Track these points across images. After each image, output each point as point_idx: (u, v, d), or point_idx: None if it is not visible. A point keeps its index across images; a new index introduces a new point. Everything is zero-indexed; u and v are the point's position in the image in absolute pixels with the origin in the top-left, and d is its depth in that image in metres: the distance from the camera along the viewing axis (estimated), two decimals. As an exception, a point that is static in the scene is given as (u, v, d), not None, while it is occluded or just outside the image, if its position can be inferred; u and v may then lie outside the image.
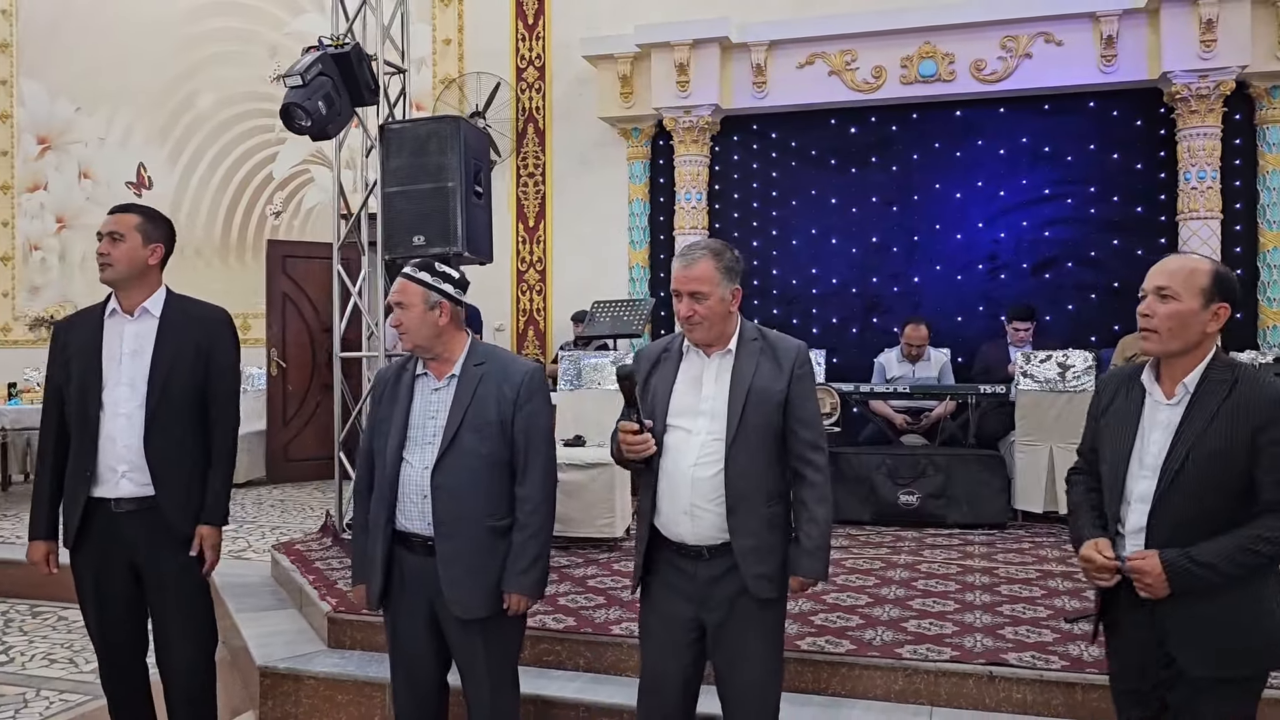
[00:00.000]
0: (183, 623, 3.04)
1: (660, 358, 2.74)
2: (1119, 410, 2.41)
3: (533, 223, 8.86)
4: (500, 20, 8.94)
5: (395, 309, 2.77)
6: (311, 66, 4.90)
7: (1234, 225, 7.34)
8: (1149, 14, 7.10)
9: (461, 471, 2.73)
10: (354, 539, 2.98)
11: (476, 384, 2.78)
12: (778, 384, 2.62)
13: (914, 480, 5.96)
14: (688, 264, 2.60)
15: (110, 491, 2.96)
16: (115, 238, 3.00)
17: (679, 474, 2.61)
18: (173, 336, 3.01)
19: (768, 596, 2.61)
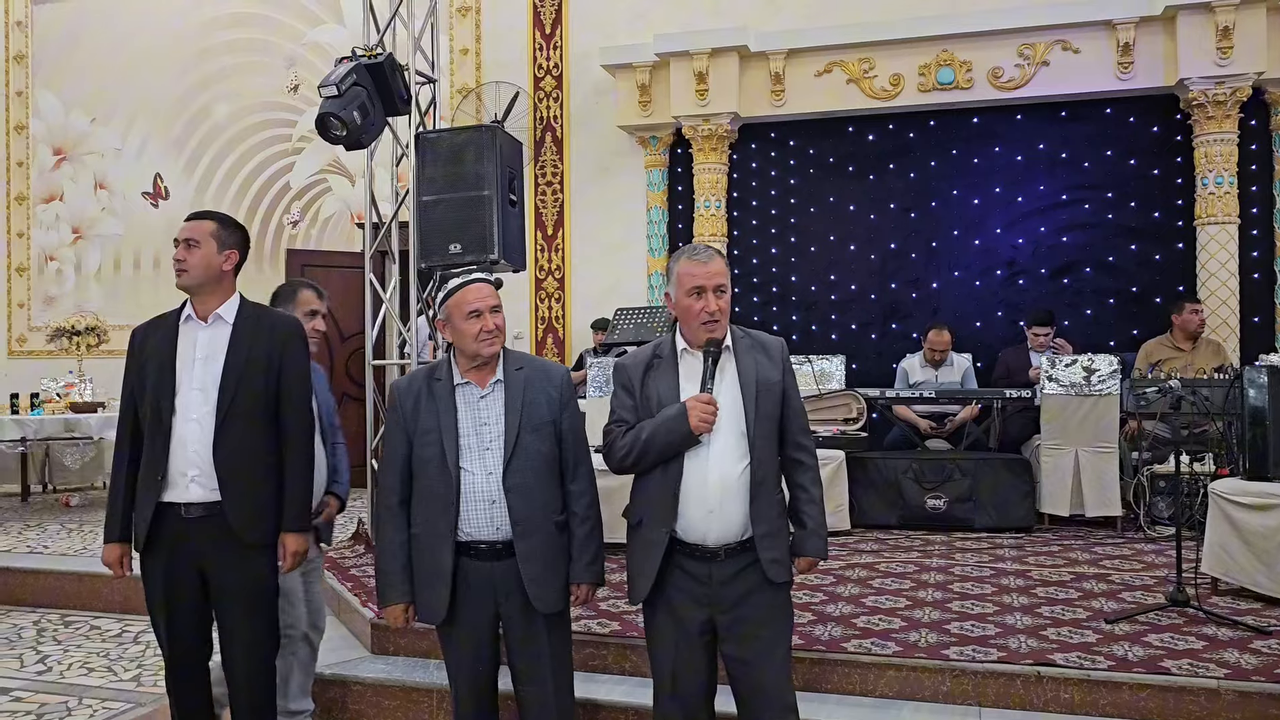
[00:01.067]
0: (248, 630, 3.06)
1: (651, 363, 2.79)
2: None
3: (551, 231, 8.91)
4: (518, 30, 8.99)
5: (491, 314, 2.80)
6: (346, 76, 4.96)
7: (1251, 230, 7.38)
8: (1165, 21, 7.16)
9: (528, 472, 2.79)
10: (386, 558, 2.87)
11: (524, 387, 2.84)
12: (775, 375, 2.75)
13: (941, 484, 6.00)
14: (706, 260, 2.68)
15: (180, 496, 2.98)
16: (191, 244, 3.04)
17: (706, 473, 2.65)
18: (245, 343, 3.04)
19: (782, 580, 2.71)
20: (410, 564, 2.84)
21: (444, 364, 2.91)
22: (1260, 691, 3.27)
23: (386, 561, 2.86)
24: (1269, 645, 3.63)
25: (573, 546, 2.87)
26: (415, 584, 2.84)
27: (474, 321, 2.79)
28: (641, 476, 2.76)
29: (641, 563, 2.73)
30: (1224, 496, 4.33)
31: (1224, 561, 4.33)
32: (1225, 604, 4.16)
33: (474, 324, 2.79)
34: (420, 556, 2.83)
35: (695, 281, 2.66)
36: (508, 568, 2.80)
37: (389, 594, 2.86)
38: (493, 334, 2.80)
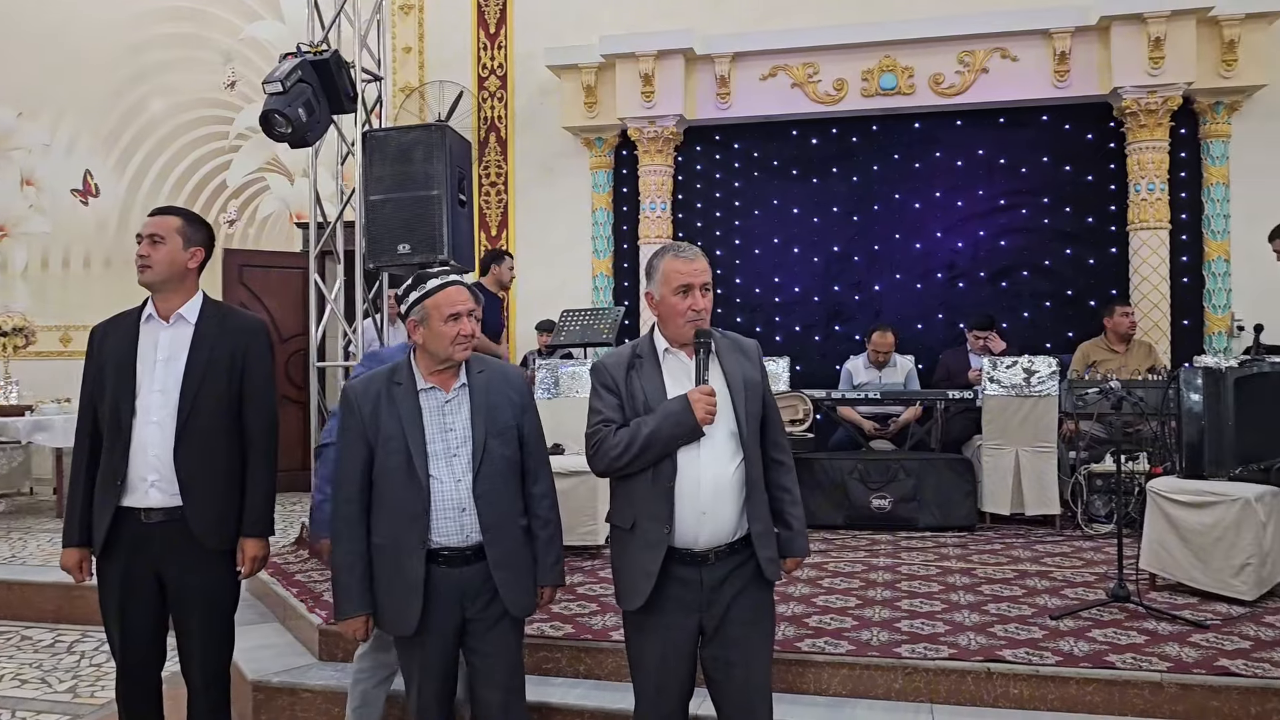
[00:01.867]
0: (206, 637, 3.00)
1: (633, 362, 2.73)
2: None
3: (495, 232, 8.84)
4: (461, 29, 8.91)
5: (468, 319, 2.75)
6: (292, 73, 4.88)
7: (1180, 235, 7.61)
8: (1100, 32, 7.35)
9: (496, 477, 2.76)
10: (345, 569, 2.74)
11: (486, 391, 2.80)
12: (755, 375, 2.75)
13: (886, 484, 6.08)
14: (692, 258, 2.68)
15: (139, 501, 2.91)
16: (155, 240, 2.97)
17: (700, 474, 2.62)
18: (208, 344, 2.97)
19: (775, 578, 2.72)
20: (370, 575, 2.76)
21: (404, 366, 2.83)
22: (1200, 684, 3.36)
23: (345, 573, 2.75)
24: (1207, 639, 3.74)
25: (537, 550, 2.86)
26: (377, 595, 2.76)
27: (452, 325, 2.73)
28: (627, 479, 2.68)
29: (639, 565, 2.65)
30: (1162, 495, 4.45)
31: (1161, 558, 4.45)
32: (1164, 599, 4.28)
33: (452, 327, 2.73)
34: (385, 567, 2.74)
35: (683, 279, 2.64)
36: (475, 572, 2.76)
37: (347, 606, 2.76)
38: (469, 338, 2.76)
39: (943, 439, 6.65)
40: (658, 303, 2.70)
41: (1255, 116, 7.47)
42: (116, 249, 9.77)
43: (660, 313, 2.71)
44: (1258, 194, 7.40)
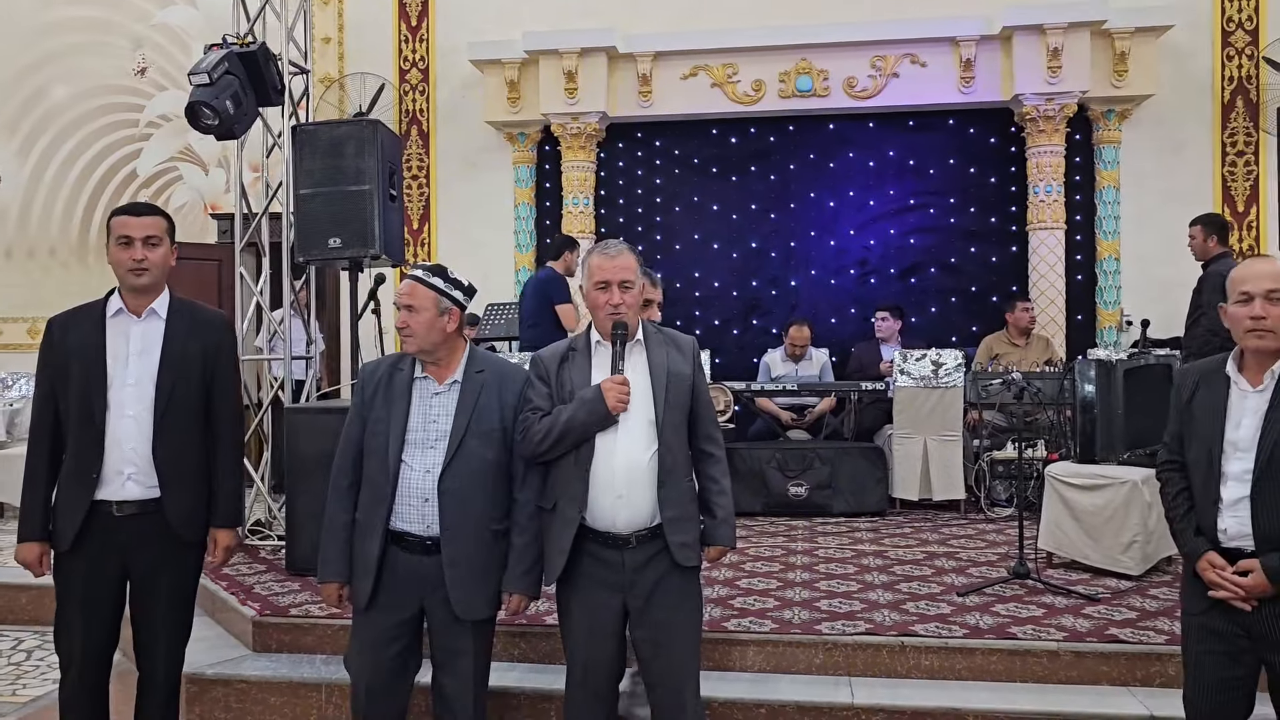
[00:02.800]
0: (171, 629, 3.03)
1: (567, 355, 2.89)
2: (1204, 400, 2.65)
3: (417, 225, 8.84)
4: (382, 21, 8.87)
5: (404, 311, 2.82)
6: (218, 65, 4.87)
7: (1075, 235, 8.05)
8: (1003, 41, 7.72)
9: (468, 476, 2.81)
10: (329, 536, 2.92)
11: (479, 391, 2.86)
12: (686, 369, 2.88)
13: (802, 473, 6.32)
14: (614, 255, 2.81)
15: (115, 494, 2.91)
16: (151, 242, 2.95)
17: (614, 459, 2.76)
18: (180, 338, 2.99)
19: (691, 564, 2.84)
20: (349, 546, 2.88)
21: (410, 356, 2.93)
22: (1092, 651, 3.65)
23: (329, 540, 2.91)
24: (1098, 610, 4.04)
25: (510, 555, 2.89)
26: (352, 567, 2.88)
27: (398, 316, 2.87)
28: (553, 463, 2.84)
29: (555, 543, 2.82)
30: (1058, 479, 4.76)
31: (1058, 537, 4.76)
32: (1060, 575, 4.59)
33: (398, 319, 2.86)
34: (356, 541, 2.88)
35: (602, 275, 2.78)
36: (436, 563, 2.82)
37: (325, 571, 2.92)
38: (403, 330, 2.84)
39: (856, 429, 6.92)
40: (586, 297, 2.86)
41: (1144, 124, 7.94)
42: (19, 239, 9.48)
43: (589, 306, 2.86)
44: (1145, 197, 7.88)
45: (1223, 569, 2.55)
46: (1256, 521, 2.53)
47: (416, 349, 2.86)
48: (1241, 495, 2.55)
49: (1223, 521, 2.59)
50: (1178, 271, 6.66)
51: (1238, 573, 2.53)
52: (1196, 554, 2.62)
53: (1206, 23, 7.92)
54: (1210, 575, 2.57)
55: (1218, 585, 2.55)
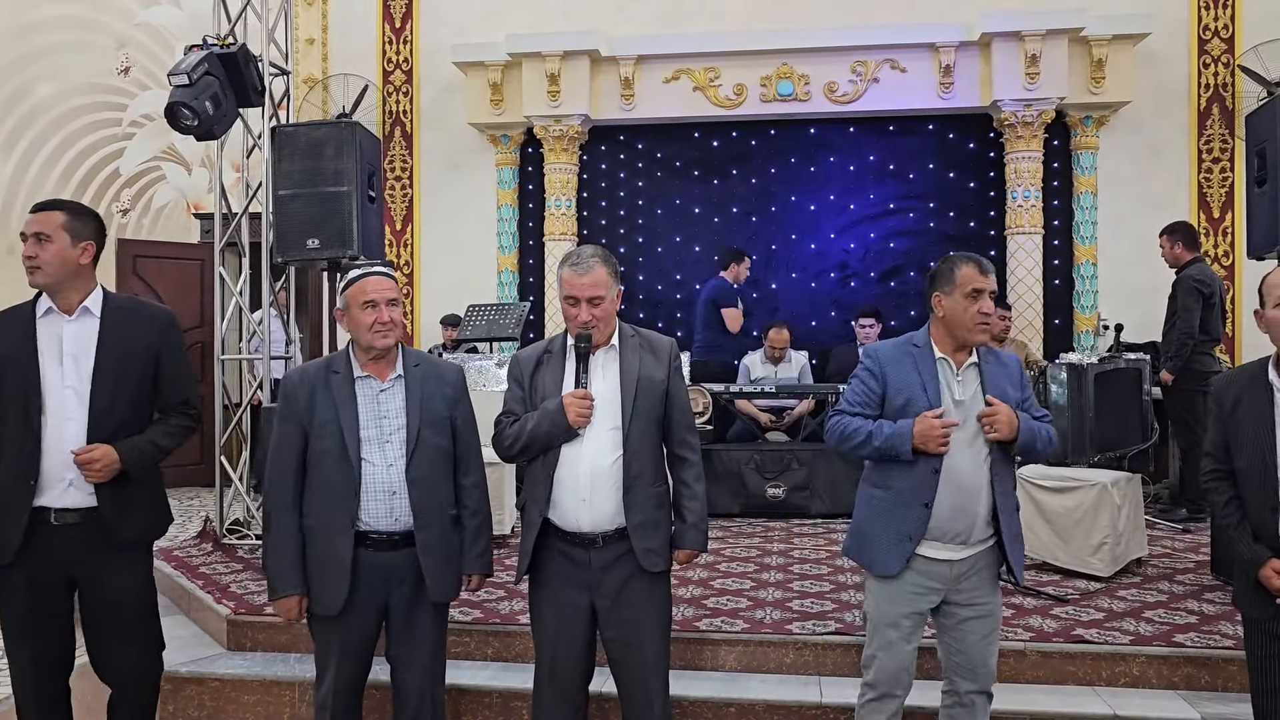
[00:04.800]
0: (130, 642, 2.99)
1: (542, 358, 2.92)
2: (1249, 408, 2.70)
3: (400, 226, 8.86)
4: (366, 23, 8.89)
5: (386, 306, 2.83)
6: (198, 65, 4.87)
7: (1053, 240, 8.13)
8: (982, 47, 7.79)
9: (427, 465, 2.87)
10: (278, 550, 2.85)
11: (422, 383, 2.92)
12: (660, 375, 2.88)
13: (780, 474, 6.36)
14: (584, 271, 2.77)
15: (55, 501, 2.83)
16: (41, 239, 2.85)
17: (578, 464, 2.80)
18: (118, 336, 2.91)
19: (657, 570, 2.87)
20: (302, 556, 2.86)
21: (342, 357, 2.94)
22: (1059, 651, 3.71)
23: (279, 554, 2.86)
24: (1066, 611, 4.10)
25: (464, 538, 2.97)
26: (308, 575, 2.87)
27: (369, 312, 2.84)
28: (529, 465, 2.90)
29: (523, 543, 2.90)
30: (1029, 480, 4.81)
31: (1029, 539, 4.75)
32: (1030, 576, 4.63)
33: (369, 315, 2.84)
34: (315, 548, 2.85)
35: (570, 291, 2.79)
36: (403, 558, 2.86)
37: (282, 586, 2.86)
38: (386, 326, 2.84)
39: (834, 431, 6.95)
40: (561, 308, 2.88)
41: (1121, 130, 8.02)
42: (1, 237, 9.45)
43: (564, 317, 2.88)
44: (1122, 203, 7.96)
45: None
46: None
47: (394, 342, 2.90)
48: None
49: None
50: (1154, 276, 6.72)
51: None
52: (1259, 561, 2.64)
53: (1183, 31, 8.01)
54: (1277, 583, 2.60)
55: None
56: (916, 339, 2.89)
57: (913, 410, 2.77)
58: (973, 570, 2.82)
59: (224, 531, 5.53)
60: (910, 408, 2.78)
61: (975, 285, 2.75)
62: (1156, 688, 3.62)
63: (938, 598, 2.85)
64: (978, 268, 2.78)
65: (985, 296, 2.76)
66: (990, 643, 2.88)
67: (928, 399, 2.76)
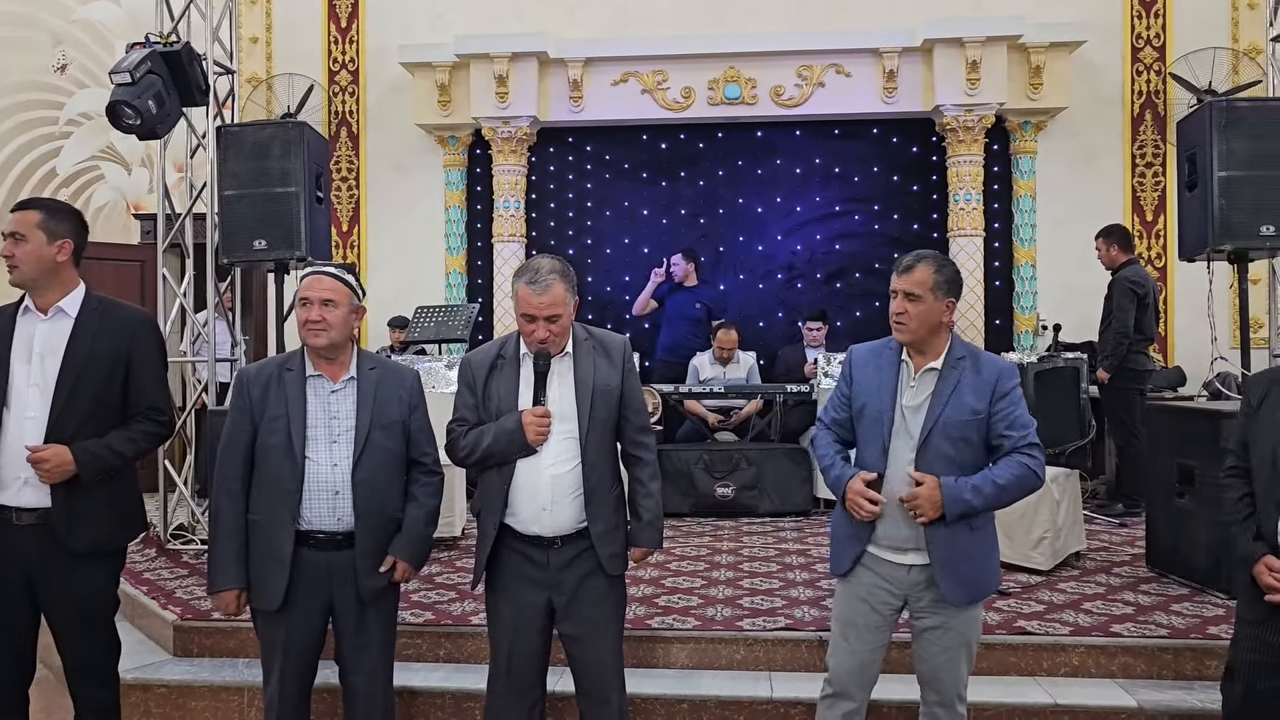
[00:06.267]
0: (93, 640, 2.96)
1: (495, 364, 2.89)
2: (1273, 405, 2.67)
3: (346, 227, 8.78)
4: (311, 22, 8.79)
5: (319, 306, 2.81)
6: (141, 64, 4.80)
7: (994, 243, 8.30)
8: (924, 53, 7.93)
9: (376, 467, 2.87)
10: (222, 542, 2.86)
11: (376, 386, 2.91)
12: (614, 380, 2.89)
13: (729, 474, 6.42)
14: (542, 290, 2.72)
15: (11, 499, 2.83)
16: (17, 238, 2.87)
17: (537, 473, 2.80)
18: (88, 338, 2.90)
19: (619, 573, 2.91)
20: (245, 549, 2.85)
21: (297, 355, 2.93)
22: (1002, 643, 3.81)
23: (222, 546, 2.85)
24: (1009, 604, 4.20)
25: (404, 523, 2.95)
26: (251, 570, 2.86)
27: (302, 310, 2.84)
28: (483, 473, 2.90)
29: (479, 550, 2.90)
30: (972, 477, 4.92)
31: (972, 534, 4.91)
32: (973, 571, 4.74)
33: (302, 313, 2.84)
34: (258, 542, 2.85)
35: (527, 309, 2.75)
36: (345, 558, 2.86)
37: (222, 578, 2.85)
38: (317, 325, 2.82)
39: (781, 430, 7.05)
40: (517, 321, 2.83)
41: (1058, 136, 8.22)
42: (-70, 237, 9.18)
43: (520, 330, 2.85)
44: (1059, 206, 8.16)
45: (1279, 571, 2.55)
46: None
47: (328, 343, 2.84)
48: None
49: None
50: (1090, 278, 6.90)
51: None
52: (1254, 557, 2.61)
53: (1117, 39, 8.23)
54: (1267, 579, 2.56)
55: (1273, 589, 2.55)
56: (892, 340, 2.84)
57: (867, 414, 2.76)
58: (930, 581, 2.73)
59: (168, 536, 5.45)
60: (865, 411, 2.78)
61: (891, 286, 2.77)
62: (1095, 676, 3.74)
63: (898, 602, 2.81)
64: (897, 270, 2.77)
65: (899, 297, 2.73)
66: (952, 658, 2.77)
67: (880, 403, 2.75)
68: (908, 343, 2.76)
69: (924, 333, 2.72)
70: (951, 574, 2.69)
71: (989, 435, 2.71)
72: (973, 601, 2.77)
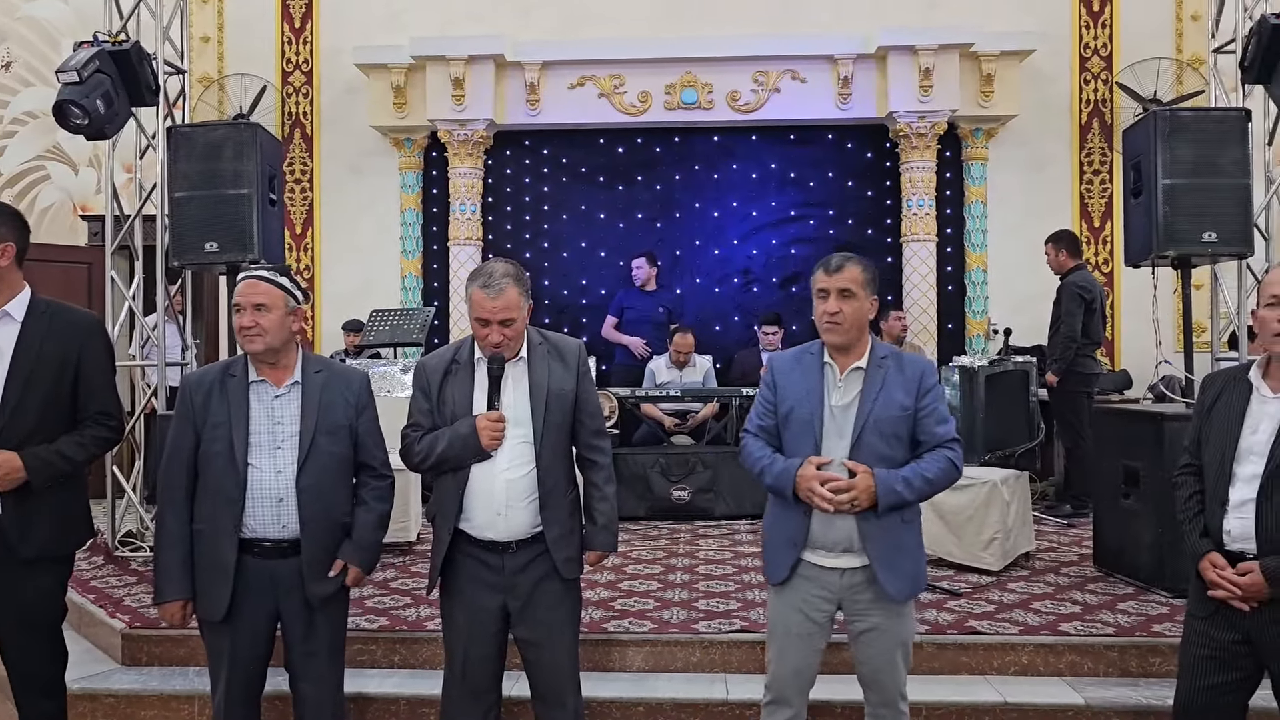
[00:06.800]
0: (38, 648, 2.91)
1: (450, 368, 2.88)
2: (1225, 405, 2.71)
3: (300, 230, 8.69)
4: (264, 22, 8.70)
5: (251, 311, 2.77)
6: (89, 63, 4.72)
7: (946, 248, 8.43)
8: (878, 60, 8.04)
9: (322, 473, 2.83)
10: (166, 552, 2.82)
11: (322, 390, 2.88)
12: (569, 384, 2.89)
13: (685, 477, 6.45)
14: (495, 294, 2.72)
15: None
16: None
17: (492, 478, 2.79)
18: (36, 342, 2.85)
19: (574, 576, 2.91)
20: (190, 559, 2.81)
21: (240, 361, 2.89)
22: (953, 643, 3.86)
23: (165, 556, 2.81)
24: (960, 604, 4.26)
25: (354, 528, 2.91)
26: (195, 580, 2.82)
27: (236, 317, 2.82)
28: (438, 477, 2.88)
29: (434, 556, 2.89)
30: (925, 479, 4.98)
31: (925, 536, 4.97)
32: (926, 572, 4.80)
33: (236, 319, 2.81)
34: (202, 552, 2.81)
35: (480, 313, 2.75)
36: (290, 566, 2.82)
37: (167, 589, 2.81)
38: (249, 331, 2.78)
39: (737, 433, 7.07)
40: (471, 326, 2.83)
41: (1009, 143, 8.37)
42: None
43: (474, 335, 2.85)
44: (1010, 212, 8.31)
45: (1223, 569, 2.60)
46: (1260, 524, 2.56)
47: (264, 348, 2.80)
48: (1248, 498, 2.59)
49: (1228, 523, 2.62)
50: (1040, 283, 7.02)
51: (1238, 574, 2.57)
52: (1199, 554, 2.66)
53: (1066, 49, 8.40)
54: (1210, 575, 2.61)
55: (1217, 585, 2.60)
56: (813, 346, 2.88)
57: (794, 419, 2.77)
58: (868, 581, 2.75)
59: (116, 544, 5.35)
60: (793, 415, 2.78)
61: (819, 286, 2.77)
62: (1044, 675, 3.80)
63: (832, 607, 2.81)
64: (824, 269, 2.77)
65: (831, 296, 2.72)
66: (889, 659, 2.79)
67: (808, 406, 2.76)
68: (840, 343, 2.77)
69: (855, 331, 2.75)
70: (890, 568, 2.72)
71: (915, 431, 2.76)
72: (913, 594, 2.82)
